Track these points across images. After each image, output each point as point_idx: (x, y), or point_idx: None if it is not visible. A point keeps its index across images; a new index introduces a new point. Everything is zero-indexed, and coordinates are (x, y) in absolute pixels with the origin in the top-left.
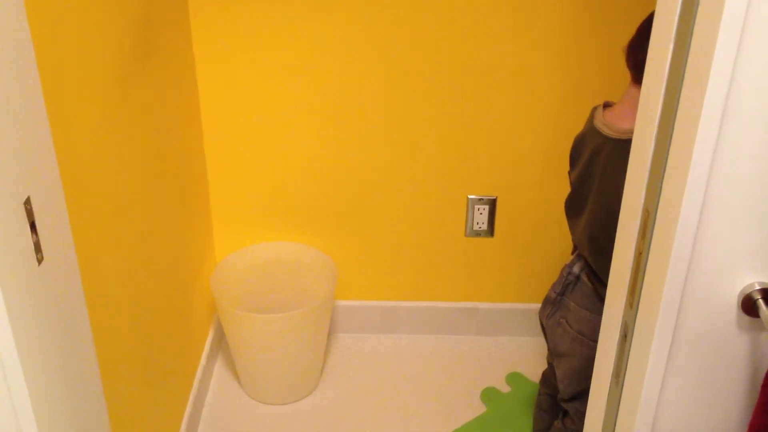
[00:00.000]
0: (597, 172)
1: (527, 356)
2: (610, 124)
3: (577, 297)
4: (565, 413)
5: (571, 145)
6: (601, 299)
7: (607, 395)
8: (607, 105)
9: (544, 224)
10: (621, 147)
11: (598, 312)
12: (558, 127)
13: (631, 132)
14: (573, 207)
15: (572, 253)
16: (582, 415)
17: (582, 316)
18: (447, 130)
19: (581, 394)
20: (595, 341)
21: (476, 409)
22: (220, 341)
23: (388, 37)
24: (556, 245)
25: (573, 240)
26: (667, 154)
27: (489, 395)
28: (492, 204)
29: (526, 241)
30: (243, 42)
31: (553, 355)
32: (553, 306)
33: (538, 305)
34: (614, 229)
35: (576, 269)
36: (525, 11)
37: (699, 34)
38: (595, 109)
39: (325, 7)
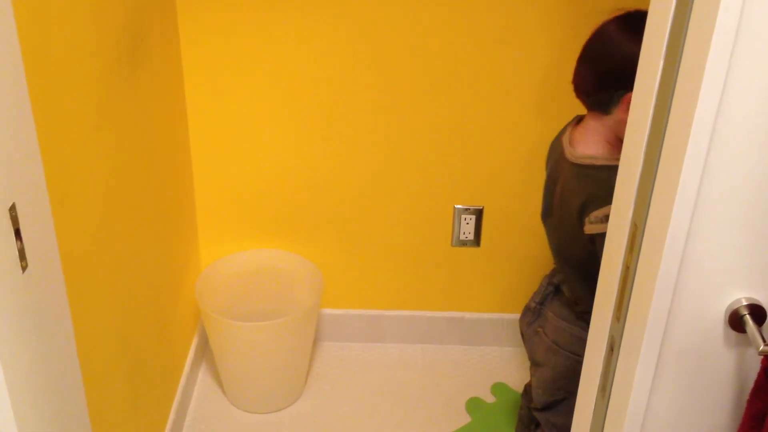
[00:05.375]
0: (558, 186)
1: (512, 366)
2: (572, 145)
3: (555, 307)
4: (538, 425)
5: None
6: (574, 312)
7: (593, 408)
8: (580, 119)
9: (530, 235)
10: (575, 172)
11: (575, 323)
12: (545, 137)
13: (587, 158)
14: (545, 215)
15: (554, 264)
16: (553, 426)
17: (558, 326)
18: (434, 139)
19: (554, 405)
20: (571, 352)
21: (461, 419)
22: (204, 349)
23: (374, 46)
24: (542, 256)
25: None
26: (657, 167)
27: (474, 405)
28: (478, 214)
29: (512, 252)
30: (230, 51)
31: (531, 363)
32: (532, 315)
33: None
34: (575, 244)
35: (555, 280)
36: (512, 22)
37: (690, 49)
38: (570, 121)
39: (312, 17)
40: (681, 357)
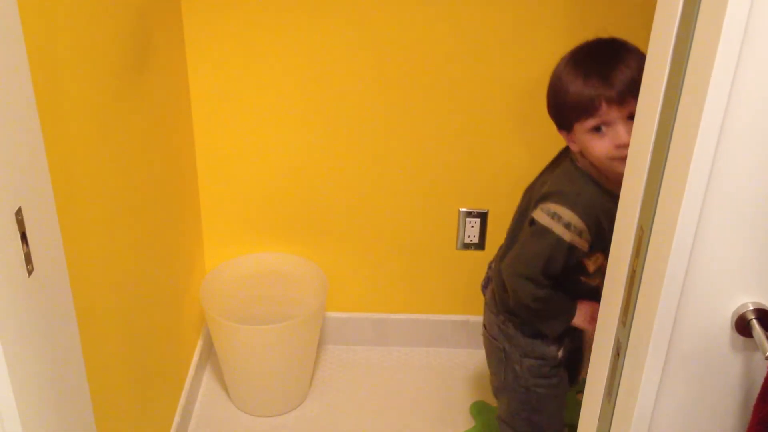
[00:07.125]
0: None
1: None
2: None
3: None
4: None
5: None
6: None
7: (599, 413)
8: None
9: None
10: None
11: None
12: (550, 140)
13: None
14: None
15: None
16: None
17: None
18: (439, 142)
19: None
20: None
21: (465, 422)
22: (209, 352)
23: (381, 48)
24: None
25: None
26: (663, 171)
27: (478, 409)
28: (483, 217)
29: None
30: (235, 54)
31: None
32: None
33: None
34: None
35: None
36: (521, 26)
37: (697, 50)
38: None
39: (318, 20)
40: (687, 362)
